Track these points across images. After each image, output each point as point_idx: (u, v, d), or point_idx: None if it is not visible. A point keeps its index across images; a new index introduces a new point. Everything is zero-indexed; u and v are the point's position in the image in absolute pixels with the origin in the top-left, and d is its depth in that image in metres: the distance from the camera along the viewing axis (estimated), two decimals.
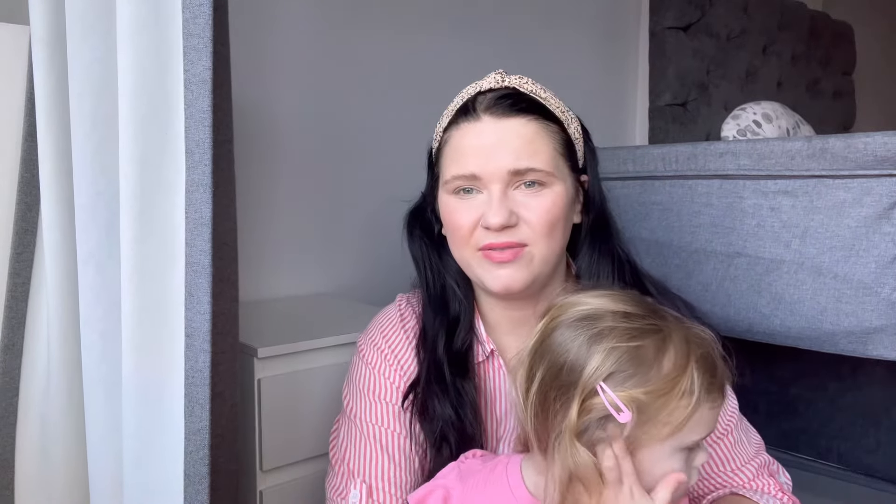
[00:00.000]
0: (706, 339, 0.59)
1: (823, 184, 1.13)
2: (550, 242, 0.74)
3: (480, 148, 0.73)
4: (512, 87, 0.77)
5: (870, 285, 1.08)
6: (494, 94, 0.76)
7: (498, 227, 0.71)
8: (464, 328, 0.80)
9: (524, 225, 0.73)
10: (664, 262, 1.36)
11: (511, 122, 0.73)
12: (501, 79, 0.77)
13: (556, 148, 0.75)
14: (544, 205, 0.73)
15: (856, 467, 1.47)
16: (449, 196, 0.77)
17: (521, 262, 0.73)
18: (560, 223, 0.74)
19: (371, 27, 1.56)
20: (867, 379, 1.47)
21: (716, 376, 0.57)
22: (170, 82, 0.72)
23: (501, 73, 0.78)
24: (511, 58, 1.86)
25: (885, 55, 3.36)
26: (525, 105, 0.75)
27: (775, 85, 2.63)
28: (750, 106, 1.67)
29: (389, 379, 0.81)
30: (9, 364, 0.93)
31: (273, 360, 1.00)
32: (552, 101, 0.78)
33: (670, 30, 2.21)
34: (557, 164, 0.75)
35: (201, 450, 0.72)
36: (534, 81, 0.78)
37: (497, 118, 0.74)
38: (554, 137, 0.75)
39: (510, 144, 0.72)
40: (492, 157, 0.72)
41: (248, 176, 1.39)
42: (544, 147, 0.74)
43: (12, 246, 0.94)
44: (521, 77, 0.78)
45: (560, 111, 0.78)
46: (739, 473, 0.80)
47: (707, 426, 0.57)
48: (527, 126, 0.74)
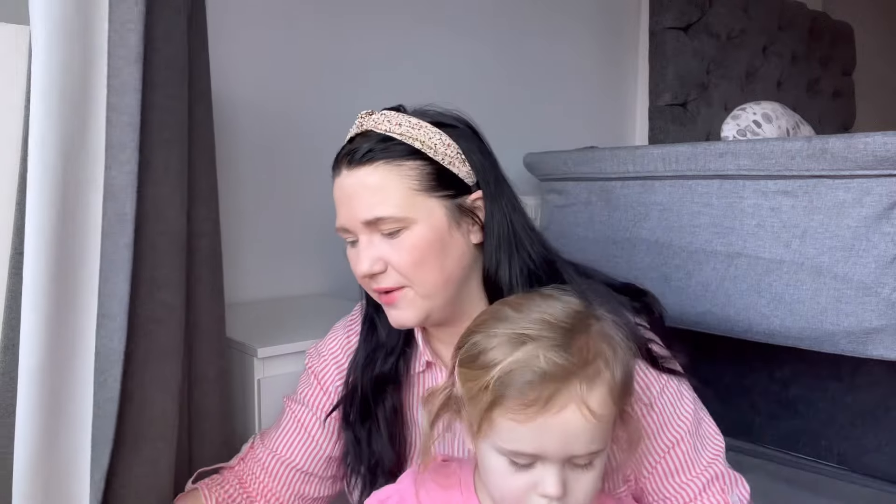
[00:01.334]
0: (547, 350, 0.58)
1: (823, 184, 1.13)
2: (426, 278, 0.74)
3: (341, 200, 0.76)
4: (369, 129, 0.77)
5: (870, 285, 1.08)
6: (351, 144, 0.77)
7: (364, 276, 0.75)
8: (388, 351, 0.84)
9: (392, 270, 0.74)
10: (664, 262, 1.36)
11: (360, 173, 0.74)
12: (361, 123, 0.78)
13: (412, 186, 0.74)
14: (404, 247, 0.73)
15: (856, 467, 1.47)
16: (347, 244, 0.79)
17: (403, 303, 0.75)
18: (430, 259, 0.74)
19: (358, 23, 1.56)
20: (867, 379, 1.47)
21: (530, 394, 0.56)
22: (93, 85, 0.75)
23: (365, 114, 0.79)
24: (511, 58, 1.86)
25: (885, 55, 3.36)
26: (374, 152, 0.74)
27: (775, 85, 2.63)
28: (750, 106, 1.67)
29: (321, 383, 0.89)
30: (8, 364, 0.93)
31: (273, 360, 1.01)
32: (411, 133, 0.75)
33: (670, 30, 2.21)
34: (414, 203, 0.74)
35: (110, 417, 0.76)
36: (397, 114, 0.77)
37: (350, 170, 0.75)
38: (409, 175, 0.74)
39: (359, 196, 0.74)
40: (350, 208, 0.75)
41: (248, 176, 1.39)
42: (394, 191, 0.73)
43: (12, 246, 0.93)
44: (384, 114, 0.78)
45: (420, 143, 0.75)
46: (686, 488, 0.75)
47: (530, 443, 0.56)
48: (374, 174, 0.74)
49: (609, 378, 0.58)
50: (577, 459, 0.57)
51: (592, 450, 0.57)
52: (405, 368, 0.84)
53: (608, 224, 1.48)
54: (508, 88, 1.86)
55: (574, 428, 0.56)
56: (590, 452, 0.57)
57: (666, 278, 1.35)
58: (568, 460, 0.57)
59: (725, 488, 0.75)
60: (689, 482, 0.75)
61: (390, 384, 0.83)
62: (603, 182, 1.47)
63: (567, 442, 0.56)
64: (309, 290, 1.49)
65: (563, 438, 0.56)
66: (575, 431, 0.56)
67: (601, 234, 1.49)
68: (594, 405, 0.56)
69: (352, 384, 0.84)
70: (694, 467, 0.75)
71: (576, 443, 0.56)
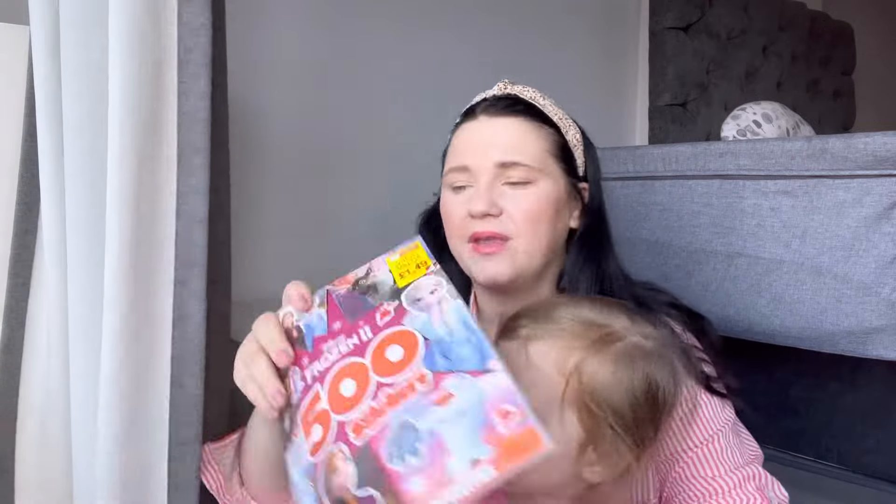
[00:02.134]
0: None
1: (823, 184, 1.12)
2: (534, 237, 0.76)
3: (473, 143, 0.79)
4: (513, 93, 0.82)
5: (870, 285, 1.08)
6: (494, 98, 0.81)
7: (480, 214, 0.75)
8: None
9: (507, 217, 0.76)
10: (664, 262, 1.35)
11: (503, 121, 0.78)
12: (504, 87, 0.83)
13: (547, 148, 0.79)
14: (528, 198, 0.76)
15: (856, 467, 1.47)
16: (447, 191, 0.81)
17: (504, 255, 0.76)
18: (545, 219, 0.77)
19: (368, 26, 1.56)
20: (867, 379, 1.47)
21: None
22: (164, 90, 0.74)
23: (507, 82, 0.83)
24: (511, 58, 1.86)
25: (885, 55, 3.36)
26: (521, 108, 0.79)
27: (775, 85, 2.63)
28: (750, 106, 1.67)
29: None
30: (9, 364, 0.93)
31: None
32: (550, 107, 0.82)
33: (670, 30, 2.21)
34: (546, 162, 0.78)
35: (193, 413, 0.77)
36: (536, 90, 0.83)
37: (491, 117, 0.79)
38: (546, 139, 0.79)
39: (499, 139, 0.77)
40: (482, 150, 0.77)
41: (250, 176, 1.39)
42: (533, 145, 0.78)
43: (12, 246, 0.94)
44: (526, 87, 0.83)
45: (557, 117, 0.82)
46: (718, 481, 0.73)
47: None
48: (518, 124, 0.78)
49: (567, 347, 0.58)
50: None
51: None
52: None
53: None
54: None
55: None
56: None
57: (666, 278, 1.34)
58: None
59: (762, 487, 0.74)
60: (721, 478, 0.73)
61: None
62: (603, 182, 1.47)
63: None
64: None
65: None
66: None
67: None
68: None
69: None
70: (727, 465, 0.74)
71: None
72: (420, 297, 0.56)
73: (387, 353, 0.53)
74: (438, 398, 0.48)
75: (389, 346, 0.53)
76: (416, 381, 0.50)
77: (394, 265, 0.59)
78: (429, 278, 0.57)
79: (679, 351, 0.64)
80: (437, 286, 0.56)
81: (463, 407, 0.47)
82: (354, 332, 0.56)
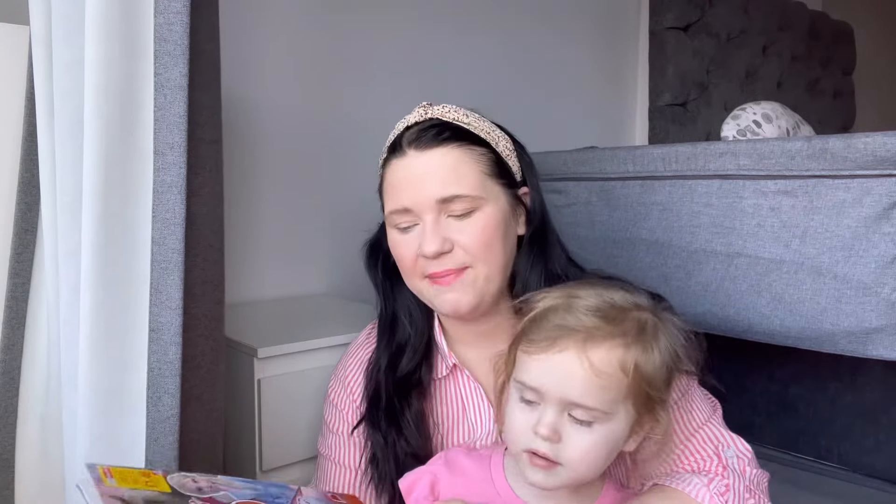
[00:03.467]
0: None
1: (823, 184, 1.12)
2: (491, 261, 0.77)
3: (408, 181, 0.77)
4: (434, 117, 0.80)
5: (870, 285, 1.08)
6: (418, 128, 0.79)
7: (433, 255, 0.75)
8: (412, 352, 0.84)
9: (460, 249, 0.76)
10: (664, 262, 1.35)
11: (433, 153, 0.77)
12: (424, 112, 0.81)
13: (483, 170, 0.78)
14: (476, 227, 0.76)
15: (856, 467, 1.47)
16: (392, 230, 0.81)
17: (464, 284, 0.76)
18: (496, 241, 0.77)
19: (363, 25, 1.56)
20: (867, 379, 1.47)
21: (544, 333, 0.62)
22: (139, 85, 0.74)
23: (425, 105, 0.82)
24: (511, 58, 1.86)
25: (885, 55, 3.36)
26: (448, 134, 0.78)
27: (775, 85, 2.63)
28: (750, 106, 1.67)
29: (338, 407, 0.88)
30: (9, 364, 0.93)
31: (273, 360, 1.01)
32: (476, 124, 0.81)
33: (670, 30, 2.21)
34: (485, 185, 0.78)
35: (169, 436, 0.75)
36: (457, 108, 0.81)
37: (420, 151, 0.77)
38: (480, 160, 0.78)
39: (435, 174, 0.76)
40: (419, 188, 0.76)
41: (247, 176, 1.39)
42: (469, 172, 0.77)
43: (12, 246, 0.93)
44: (445, 106, 0.81)
45: (485, 132, 0.81)
46: (681, 447, 0.75)
47: (534, 377, 0.62)
48: (449, 154, 0.77)
49: (623, 345, 0.61)
50: (575, 412, 0.60)
51: (588, 404, 0.59)
52: (427, 375, 0.84)
53: (608, 224, 1.47)
54: (508, 88, 1.86)
55: (569, 371, 0.59)
56: (586, 406, 0.59)
57: (666, 278, 1.34)
58: (566, 408, 0.60)
59: (718, 446, 0.75)
60: (684, 443, 0.75)
61: (414, 389, 0.83)
62: (603, 182, 1.47)
63: (562, 384, 0.60)
64: (308, 290, 1.49)
65: (559, 379, 0.60)
66: (569, 375, 0.59)
67: (601, 234, 1.49)
68: (595, 359, 0.59)
69: (374, 388, 0.83)
70: (690, 428, 0.75)
71: (571, 388, 0.59)
72: None
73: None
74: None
75: None
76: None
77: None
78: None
79: (668, 307, 0.69)
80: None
81: None
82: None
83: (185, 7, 0.73)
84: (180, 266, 0.75)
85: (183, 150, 0.74)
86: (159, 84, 0.73)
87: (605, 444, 0.61)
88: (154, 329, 0.75)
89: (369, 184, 1.56)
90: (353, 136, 1.53)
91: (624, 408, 0.61)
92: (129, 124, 0.74)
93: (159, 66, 0.73)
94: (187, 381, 0.85)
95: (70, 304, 0.81)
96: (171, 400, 0.75)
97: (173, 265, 0.75)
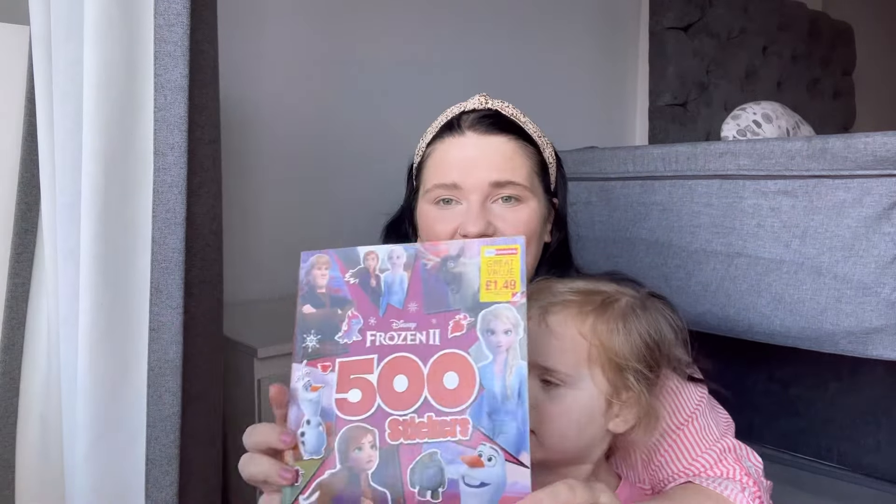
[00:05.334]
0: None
1: (823, 184, 1.12)
2: (526, 255, 0.77)
3: (463, 160, 0.79)
4: (494, 108, 0.83)
5: (870, 285, 1.08)
6: (478, 114, 0.81)
7: (475, 236, 0.75)
8: None
9: (499, 236, 0.77)
10: (664, 262, 1.35)
11: (493, 139, 0.79)
12: (485, 101, 0.83)
13: (533, 167, 0.81)
14: (521, 218, 0.78)
15: (856, 467, 1.47)
16: (429, 206, 0.81)
17: None
18: (534, 237, 0.80)
19: (361, 26, 1.56)
20: (867, 379, 1.47)
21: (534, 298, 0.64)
22: (139, 86, 0.74)
23: (485, 95, 0.84)
24: (511, 58, 1.86)
25: (885, 55, 3.36)
26: (506, 125, 0.81)
27: (775, 85, 2.63)
28: (750, 106, 1.67)
29: None
30: (9, 364, 0.93)
31: (273, 360, 1.01)
32: (530, 125, 0.84)
33: (670, 30, 2.21)
34: (533, 181, 0.81)
35: (170, 434, 0.75)
36: (514, 106, 0.84)
37: (480, 134, 0.79)
38: (531, 158, 0.81)
39: (491, 158, 0.78)
40: (473, 169, 0.77)
41: (245, 176, 1.39)
42: (522, 164, 0.80)
43: (12, 246, 0.93)
44: (503, 101, 0.84)
45: (537, 135, 0.84)
46: (700, 460, 0.76)
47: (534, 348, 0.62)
48: (507, 144, 0.79)
49: (580, 312, 0.63)
50: (544, 375, 0.61)
51: (548, 364, 0.61)
52: None
53: (608, 224, 1.47)
54: (509, 88, 1.86)
55: (532, 334, 0.59)
56: (546, 366, 0.61)
57: (666, 278, 1.34)
58: (541, 373, 0.62)
59: (741, 457, 0.77)
60: (702, 456, 0.76)
61: None
62: (603, 182, 1.47)
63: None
64: None
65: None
66: (532, 336, 0.58)
67: (601, 234, 1.49)
68: (551, 321, 0.63)
69: None
70: (706, 442, 0.77)
71: (533, 348, 0.60)
72: (493, 331, 0.54)
73: (444, 377, 0.53)
74: (470, 459, 0.50)
75: (448, 372, 0.53)
76: (458, 425, 0.51)
77: (486, 263, 0.57)
78: (510, 310, 0.54)
79: (663, 301, 0.71)
80: (513, 327, 0.53)
81: (486, 481, 0.49)
82: (425, 329, 0.55)
83: (185, 8, 0.73)
84: (181, 266, 0.76)
85: (183, 150, 0.75)
86: (159, 85, 0.74)
87: (578, 412, 0.62)
88: (154, 328, 0.76)
89: (368, 183, 1.56)
90: (352, 135, 1.53)
91: (590, 374, 0.62)
92: (129, 125, 0.74)
93: (159, 66, 0.74)
94: (187, 381, 0.85)
95: (70, 303, 0.81)
96: (171, 398, 0.76)
97: (174, 265, 0.75)
